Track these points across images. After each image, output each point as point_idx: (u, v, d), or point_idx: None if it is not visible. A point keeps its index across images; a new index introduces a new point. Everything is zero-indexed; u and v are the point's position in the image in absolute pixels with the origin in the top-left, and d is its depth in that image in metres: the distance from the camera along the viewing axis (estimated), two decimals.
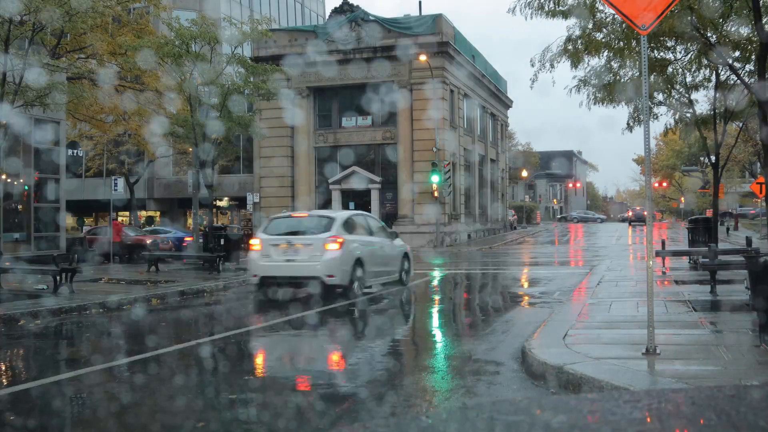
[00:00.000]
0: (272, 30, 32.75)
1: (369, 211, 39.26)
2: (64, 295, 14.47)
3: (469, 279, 21.45)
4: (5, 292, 14.90)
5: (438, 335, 11.63)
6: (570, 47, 15.47)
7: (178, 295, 15.77)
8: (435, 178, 35.90)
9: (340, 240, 14.48)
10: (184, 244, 29.26)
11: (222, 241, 23.24)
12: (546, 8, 14.07)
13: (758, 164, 40.13)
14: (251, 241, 15.57)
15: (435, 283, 20.28)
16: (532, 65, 15.86)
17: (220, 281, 18.31)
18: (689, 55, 17.26)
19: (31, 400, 7.08)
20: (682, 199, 74.73)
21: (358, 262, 14.78)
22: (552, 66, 15.63)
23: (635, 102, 18.23)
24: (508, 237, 47.12)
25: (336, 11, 40.67)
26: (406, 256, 17.25)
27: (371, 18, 39.47)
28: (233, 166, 44.64)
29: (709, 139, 19.86)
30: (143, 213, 48.15)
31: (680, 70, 18.49)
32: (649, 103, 12.51)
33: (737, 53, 15.72)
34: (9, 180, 23.69)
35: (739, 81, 15.47)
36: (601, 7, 14.38)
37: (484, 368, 8.00)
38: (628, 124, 19.97)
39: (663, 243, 18.78)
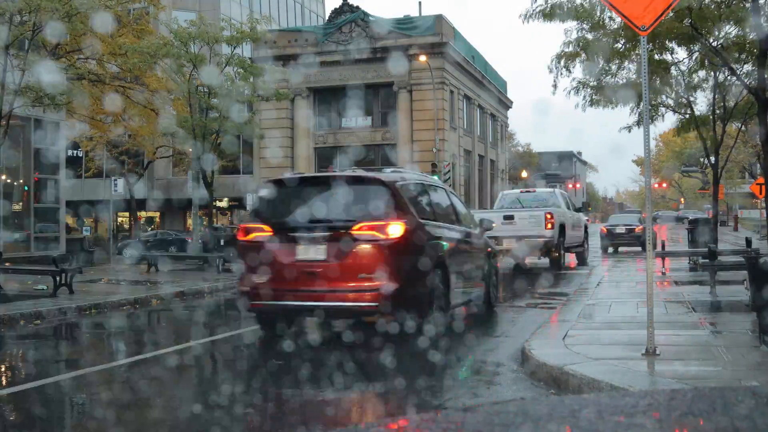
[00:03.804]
0: (272, 31, 32.77)
1: None
2: (63, 296, 14.47)
3: None
4: (4, 293, 14.88)
5: (437, 335, 11.61)
6: (571, 49, 15.54)
7: (178, 296, 15.77)
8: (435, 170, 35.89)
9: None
10: None
11: (222, 242, 23.26)
12: (555, 12, 14.15)
13: (758, 165, 40.14)
14: None
15: None
16: (550, 72, 16.01)
17: (220, 282, 18.31)
18: (689, 56, 17.30)
19: (30, 401, 7.07)
20: (682, 200, 74.72)
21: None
22: (569, 71, 15.76)
23: (634, 103, 18.26)
24: None
25: (336, 12, 40.68)
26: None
27: (371, 18, 39.49)
28: (233, 167, 44.63)
29: (708, 140, 19.89)
30: (143, 213, 48.13)
31: (680, 71, 18.52)
32: (649, 104, 12.53)
33: (736, 54, 15.75)
34: (9, 180, 23.70)
35: (738, 82, 15.49)
36: (607, 12, 14.42)
37: (484, 368, 7.99)
38: (627, 124, 20.02)
39: (663, 244, 18.79)
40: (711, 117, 19.13)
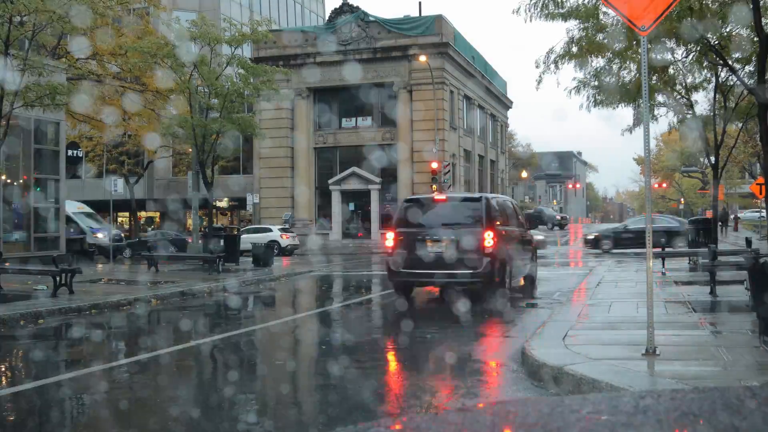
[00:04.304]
0: (272, 31, 32.78)
1: (368, 212, 39.30)
2: (63, 296, 14.47)
3: None
4: (4, 293, 14.88)
5: (438, 335, 11.61)
6: (574, 49, 15.47)
7: (177, 296, 15.77)
8: (434, 179, 35.90)
9: None
10: None
11: (222, 242, 23.26)
12: (549, 9, 14.08)
13: (758, 165, 40.15)
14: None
15: None
16: (537, 67, 15.84)
17: (220, 282, 18.32)
18: (690, 57, 17.27)
19: (29, 401, 7.07)
20: (682, 200, 74.72)
21: None
22: (557, 67, 15.59)
23: (636, 103, 18.24)
24: None
25: (336, 12, 40.69)
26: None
27: (371, 19, 39.50)
28: (233, 167, 44.65)
29: (708, 140, 19.90)
30: (143, 213, 48.13)
31: (681, 71, 18.51)
32: (649, 104, 12.50)
33: (737, 54, 15.74)
34: (9, 180, 23.69)
35: (738, 82, 15.48)
36: (604, 9, 14.39)
37: (484, 369, 8.00)
38: (628, 125, 20.02)
39: (663, 244, 18.78)
40: (712, 117, 19.13)
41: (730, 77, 17.04)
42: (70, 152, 28.15)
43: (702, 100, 36.66)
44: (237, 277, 19.52)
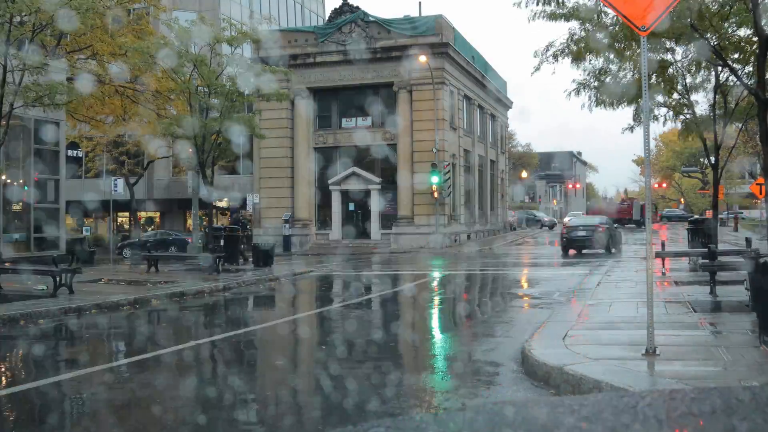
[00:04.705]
0: (272, 31, 32.78)
1: (369, 211, 39.29)
2: (63, 296, 14.47)
3: (469, 280, 21.45)
4: (4, 293, 14.88)
5: (438, 336, 11.62)
6: (573, 47, 15.47)
7: (177, 296, 15.77)
8: (434, 179, 35.94)
9: None
10: None
11: (222, 242, 23.26)
12: (551, 7, 14.09)
13: (758, 165, 40.10)
14: None
15: (435, 283, 20.29)
16: (535, 56, 15.84)
17: (219, 282, 18.31)
18: (689, 57, 17.26)
19: (29, 401, 7.07)
20: (682, 200, 74.67)
21: None
22: (555, 59, 15.57)
23: (636, 104, 18.24)
24: (508, 237, 47.12)
25: (336, 12, 40.68)
26: None
27: (371, 19, 39.48)
28: (233, 167, 44.63)
29: (708, 141, 19.89)
30: (143, 214, 48.11)
31: (680, 71, 18.51)
32: (649, 104, 12.49)
33: (737, 54, 15.73)
34: (9, 180, 23.69)
35: (738, 82, 15.48)
36: (604, 10, 14.38)
37: (484, 369, 8.01)
38: (629, 124, 20.01)
39: (663, 244, 18.77)
40: (712, 117, 19.11)
41: (730, 77, 17.04)
42: (70, 152, 28.17)
43: (702, 101, 36.66)
44: (237, 278, 19.52)
